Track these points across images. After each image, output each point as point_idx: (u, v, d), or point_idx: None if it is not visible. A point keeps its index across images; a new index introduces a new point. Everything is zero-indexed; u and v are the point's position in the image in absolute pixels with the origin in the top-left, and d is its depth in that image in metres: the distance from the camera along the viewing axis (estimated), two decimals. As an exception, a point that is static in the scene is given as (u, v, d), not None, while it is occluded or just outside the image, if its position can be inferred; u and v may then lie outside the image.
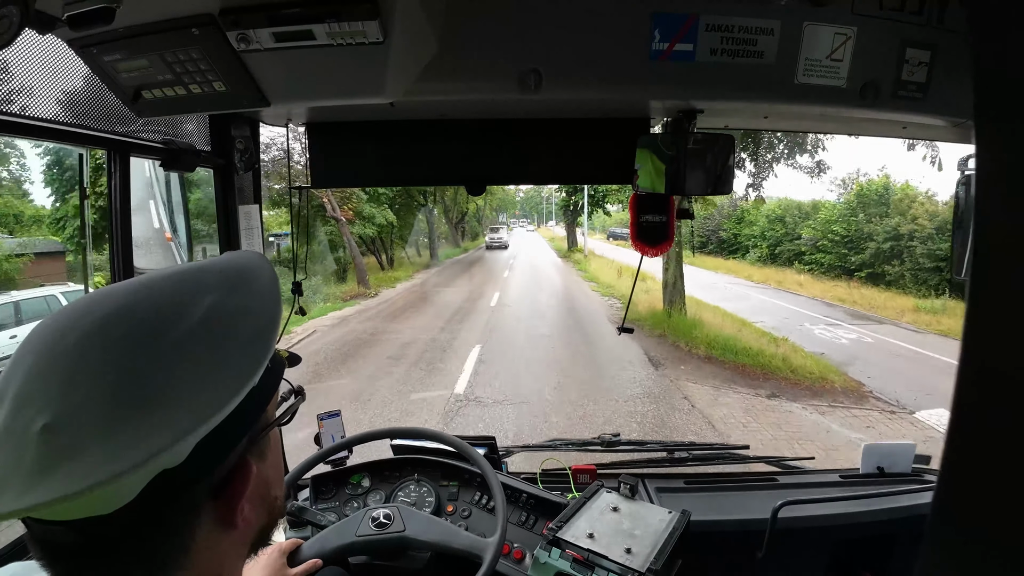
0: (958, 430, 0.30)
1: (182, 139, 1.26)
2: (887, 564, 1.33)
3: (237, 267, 0.47)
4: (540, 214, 74.86)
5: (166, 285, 0.43)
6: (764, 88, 1.00)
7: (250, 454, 0.45)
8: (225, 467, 0.42)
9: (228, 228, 1.41)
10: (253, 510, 0.46)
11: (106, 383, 0.37)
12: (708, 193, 1.24)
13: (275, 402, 0.50)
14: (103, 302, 0.41)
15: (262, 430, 0.46)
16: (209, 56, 0.87)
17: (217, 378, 0.40)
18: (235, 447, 0.43)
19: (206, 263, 0.47)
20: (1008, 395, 0.28)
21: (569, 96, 1.06)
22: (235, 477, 0.43)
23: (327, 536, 1.05)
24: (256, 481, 0.45)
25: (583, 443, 1.62)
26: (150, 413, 0.37)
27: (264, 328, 0.44)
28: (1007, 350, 0.28)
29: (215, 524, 0.43)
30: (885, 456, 1.51)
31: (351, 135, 1.36)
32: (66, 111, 0.99)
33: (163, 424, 0.37)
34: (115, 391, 0.37)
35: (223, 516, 0.43)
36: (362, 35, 0.81)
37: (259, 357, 0.42)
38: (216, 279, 0.44)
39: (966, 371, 0.29)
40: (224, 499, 0.43)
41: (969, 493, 0.30)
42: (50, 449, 0.35)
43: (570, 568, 0.97)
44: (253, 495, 0.45)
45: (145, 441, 0.36)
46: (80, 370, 0.37)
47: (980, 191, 0.29)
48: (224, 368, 0.40)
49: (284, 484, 0.56)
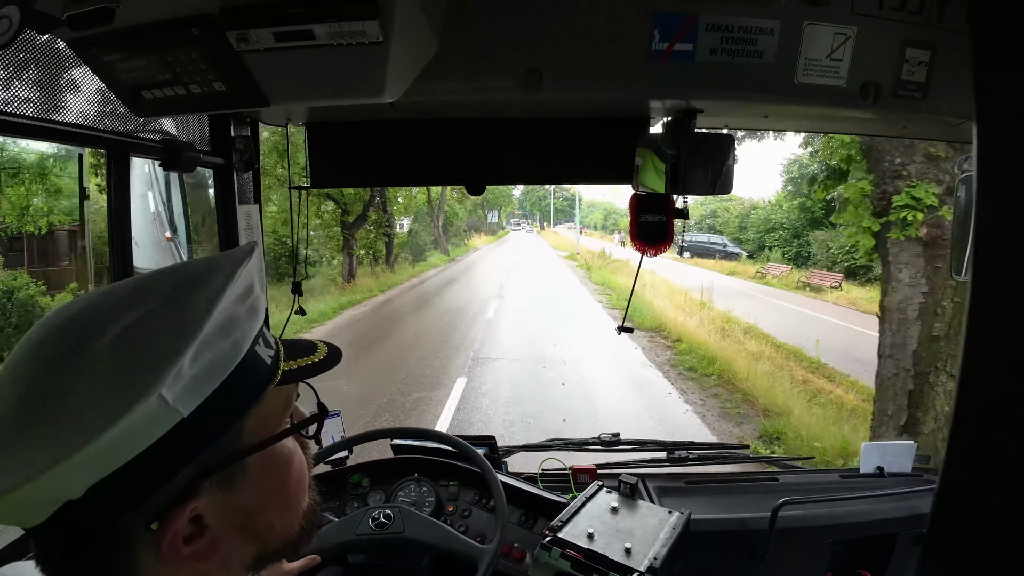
0: (959, 430, 0.30)
1: (181, 139, 1.26)
2: (887, 564, 1.33)
3: (189, 277, 0.44)
4: (544, 212, 65.18)
5: (115, 296, 0.43)
6: (764, 88, 1.00)
7: (202, 490, 0.42)
8: (156, 502, 0.40)
9: (227, 228, 1.41)
10: (227, 541, 0.45)
11: (16, 396, 0.37)
12: (708, 193, 1.24)
13: (269, 422, 0.47)
14: (66, 309, 0.41)
15: (231, 455, 0.43)
16: (208, 56, 0.87)
17: (109, 398, 0.37)
18: (165, 482, 0.40)
19: (177, 267, 0.47)
20: (1009, 395, 0.28)
21: (569, 96, 1.06)
22: (169, 514, 0.40)
23: (326, 533, 1.06)
24: (223, 512, 0.43)
25: (583, 443, 1.62)
26: (39, 429, 0.36)
27: (168, 351, 0.39)
28: (1007, 350, 0.28)
29: (158, 555, 0.41)
30: (885, 456, 1.51)
31: (351, 135, 1.36)
32: (65, 111, 0.99)
33: (39, 448, 0.36)
34: (19, 404, 0.37)
35: (170, 549, 0.41)
36: (362, 35, 0.81)
37: (160, 379, 0.37)
38: (161, 289, 0.43)
39: (967, 371, 0.29)
40: (164, 533, 0.40)
41: (970, 493, 0.30)
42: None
43: (570, 568, 0.97)
44: (222, 525, 0.43)
45: (24, 459, 0.35)
46: (8, 380, 0.38)
47: (980, 191, 0.29)
48: (116, 392, 0.37)
49: (296, 511, 0.52)
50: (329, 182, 1.44)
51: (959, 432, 0.30)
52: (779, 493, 1.37)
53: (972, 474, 0.31)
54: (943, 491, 0.31)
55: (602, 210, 69.50)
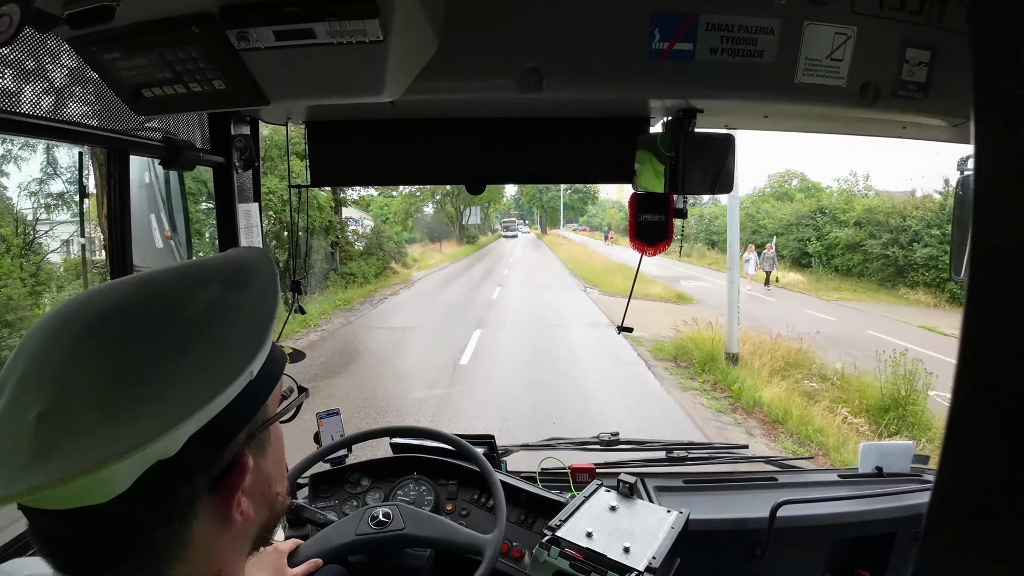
0: (957, 430, 0.30)
1: (181, 137, 1.26)
2: (885, 564, 1.33)
3: (236, 262, 0.48)
4: (548, 210, 50.41)
5: (166, 278, 0.44)
6: (764, 88, 1.00)
7: (248, 449, 0.45)
8: (222, 461, 0.42)
9: (228, 227, 1.41)
10: (252, 505, 0.46)
11: (101, 373, 0.37)
12: (708, 192, 1.24)
13: (276, 397, 0.49)
14: (106, 295, 0.41)
15: (261, 425, 0.46)
16: (209, 54, 0.87)
17: (211, 371, 0.40)
18: (232, 441, 0.43)
19: (206, 259, 0.48)
20: (1007, 396, 0.28)
21: (569, 95, 1.06)
22: (232, 471, 0.43)
23: (326, 535, 1.05)
24: (255, 476, 0.45)
25: (582, 442, 1.62)
26: (141, 403, 0.37)
27: (261, 322, 0.44)
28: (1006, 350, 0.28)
29: (212, 518, 0.43)
30: (884, 455, 1.51)
31: (351, 134, 1.36)
32: (66, 109, 0.99)
33: (154, 414, 0.37)
34: (109, 381, 0.37)
35: (220, 510, 0.43)
36: (362, 34, 0.81)
37: (255, 351, 0.42)
38: (215, 274, 0.45)
39: (965, 371, 0.29)
40: (221, 493, 0.43)
41: (968, 493, 0.30)
42: (43, 437, 0.35)
43: (569, 567, 0.97)
44: (252, 490, 0.45)
45: (134, 430, 0.36)
46: (77, 360, 0.38)
47: (979, 191, 0.29)
48: (218, 361, 0.40)
49: (287, 480, 0.56)
50: (329, 181, 1.44)
51: (956, 432, 0.30)
52: (778, 492, 1.37)
53: (970, 474, 0.31)
54: (940, 491, 0.32)
55: (617, 207, 51.81)
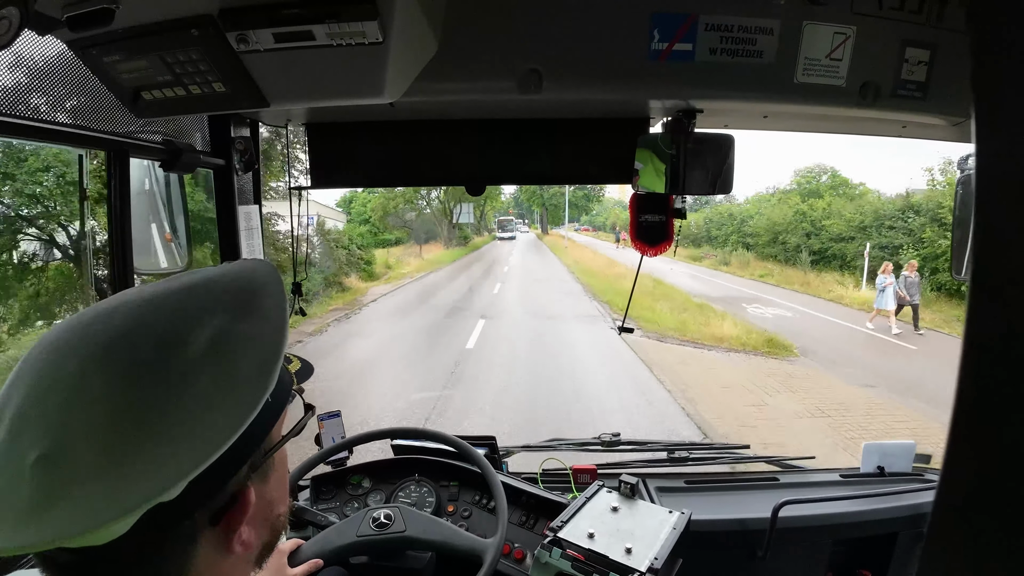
0: (960, 430, 0.30)
1: (181, 140, 1.26)
2: (887, 564, 1.33)
3: (246, 284, 0.45)
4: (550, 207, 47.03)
5: (172, 303, 0.41)
6: (764, 88, 1.00)
7: (251, 480, 0.44)
8: (224, 494, 0.41)
9: (228, 229, 1.41)
10: (254, 531, 0.45)
11: (105, 414, 0.35)
12: (708, 193, 1.25)
13: (281, 423, 0.48)
14: (107, 323, 0.39)
15: (265, 454, 0.45)
16: (208, 57, 0.87)
17: (220, 413, 0.38)
18: (234, 477, 0.42)
19: (214, 275, 0.45)
20: (1009, 395, 0.28)
21: (569, 96, 1.06)
22: (233, 505, 0.42)
23: (328, 536, 1.05)
24: (258, 505, 0.44)
25: (583, 443, 1.62)
26: (151, 449, 0.35)
27: (269, 356, 0.42)
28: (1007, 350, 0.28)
29: (213, 549, 0.42)
30: (885, 455, 1.51)
31: (351, 135, 1.36)
32: (65, 112, 0.99)
33: (164, 462, 0.35)
34: (114, 424, 0.35)
35: (221, 541, 0.42)
36: (361, 35, 0.81)
37: (263, 387, 0.40)
38: (223, 298, 0.42)
39: (967, 371, 0.29)
40: (222, 526, 0.42)
41: (971, 493, 0.30)
42: (45, 484, 0.34)
43: (570, 568, 0.97)
44: (254, 518, 0.44)
45: (140, 484, 0.34)
46: (79, 398, 0.35)
47: (980, 191, 0.29)
48: (228, 401, 0.38)
49: (288, 497, 0.55)
50: (329, 182, 1.45)
51: (959, 431, 0.30)
52: (779, 493, 1.37)
53: (973, 473, 0.31)
54: (944, 490, 0.31)
55: (620, 206, 48.66)
